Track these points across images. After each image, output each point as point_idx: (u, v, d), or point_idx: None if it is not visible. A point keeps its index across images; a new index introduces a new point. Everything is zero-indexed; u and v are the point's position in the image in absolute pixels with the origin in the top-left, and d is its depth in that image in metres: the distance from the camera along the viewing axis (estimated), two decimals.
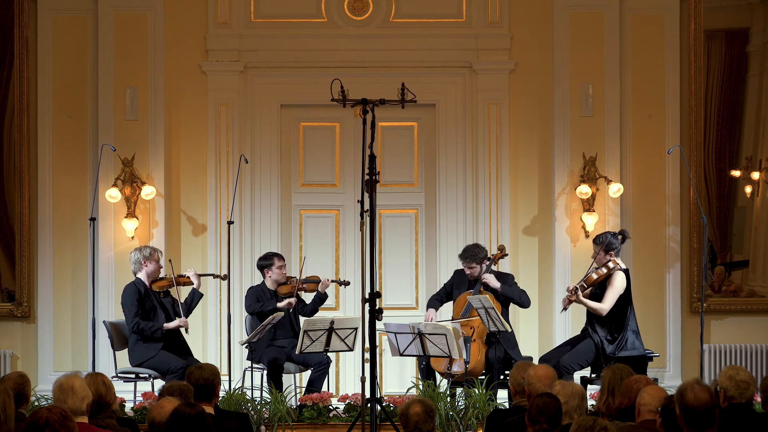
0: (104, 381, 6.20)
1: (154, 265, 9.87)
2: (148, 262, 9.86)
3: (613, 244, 9.55)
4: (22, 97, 11.00)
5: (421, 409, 5.73)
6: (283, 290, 10.06)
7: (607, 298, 9.46)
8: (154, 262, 9.88)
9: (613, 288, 9.47)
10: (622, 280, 9.49)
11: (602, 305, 9.45)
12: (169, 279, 9.88)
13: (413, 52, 11.18)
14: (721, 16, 11.33)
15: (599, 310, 9.44)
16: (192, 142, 11.16)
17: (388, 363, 11.02)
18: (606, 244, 9.55)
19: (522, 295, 9.89)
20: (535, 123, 11.22)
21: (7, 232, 11.14)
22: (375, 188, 8.39)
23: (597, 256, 9.58)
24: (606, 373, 6.50)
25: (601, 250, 9.55)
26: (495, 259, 9.99)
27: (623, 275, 9.51)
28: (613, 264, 9.50)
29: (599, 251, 9.56)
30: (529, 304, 9.96)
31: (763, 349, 11.13)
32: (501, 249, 10.05)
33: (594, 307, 9.46)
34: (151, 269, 9.87)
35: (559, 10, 11.07)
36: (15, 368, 10.77)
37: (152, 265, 9.87)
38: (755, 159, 11.35)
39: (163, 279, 9.91)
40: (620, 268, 9.52)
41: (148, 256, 9.87)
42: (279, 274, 10.08)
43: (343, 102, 8.62)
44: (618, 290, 9.46)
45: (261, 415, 9.17)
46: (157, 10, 11.00)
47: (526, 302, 9.92)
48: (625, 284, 9.49)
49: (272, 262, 10.09)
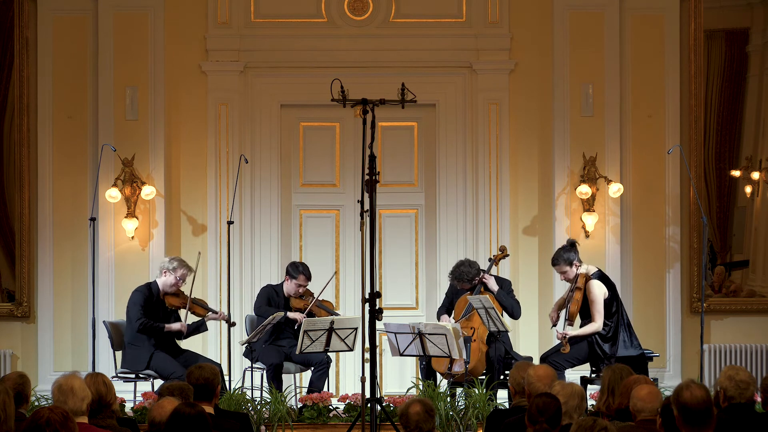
0: (104, 381, 6.20)
1: (174, 281, 9.74)
2: (169, 273, 9.74)
3: (570, 258, 9.47)
4: (22, 97, 11.00)
5: (422, 409, 5.74)
6: (297, 304, 10.01)
7: (595, 315, 9.38)
8: (175, 279, 9.73)
9: (595, 302, 9.38)
10: (598, 287, 9.40)
11: (595, 325, 9.37)
12: (183, 301, 9.80)
13: (413, 52, 11.18)
14: (721, 16, 11.33)
15: (595, 331, 9.39)
16: (192, 142, 11.16)
17: (388, 363, 11.02)
18: (563, 259, 9.47)
19: (515, 306, 9.86)
20: (535, 123, 11.22)
21: (7, 232, 11.14)
22: (375, 188, 8.39)
23: (564, 275, 9.51)
24: (606, 373, 6.50)
25: (564, 267, 9.47)
26: (496, 260, 9.98)
27: (597, 282, 9.41)
28: (581, 278, 9.40)
29: (563, 269, 9.48)
30: (520, 315, 9.93)
31: (763, 349, 11.13)
32: (502, 250, 10.04)
33: (589, 332, 9.39)
34: (169, 282, 9.76)
35: (559, 10, 11.07)
36: (15, 368, 10.77)
37: (172, 280, 9.74)
38: (755, 159, 11.35)
39: (177, 297, 9.83)
40: (589, 276, 9.44)
41: (172, 269, 9.74)
42: (295, 290, 10.02)
43: (343, 102, 8.62)
44: (600, 300, 9.36)
45: (261, 415, 9.17)
46: (157, 10, 11.00)
47: (517, 313, 9.89)
48: (605, 288, 9.43)
49: (296, 277, 10.02)
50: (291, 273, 10.04)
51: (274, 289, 10.12)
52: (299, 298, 10.01)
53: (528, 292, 10.99)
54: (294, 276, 10.01)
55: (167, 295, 9.77)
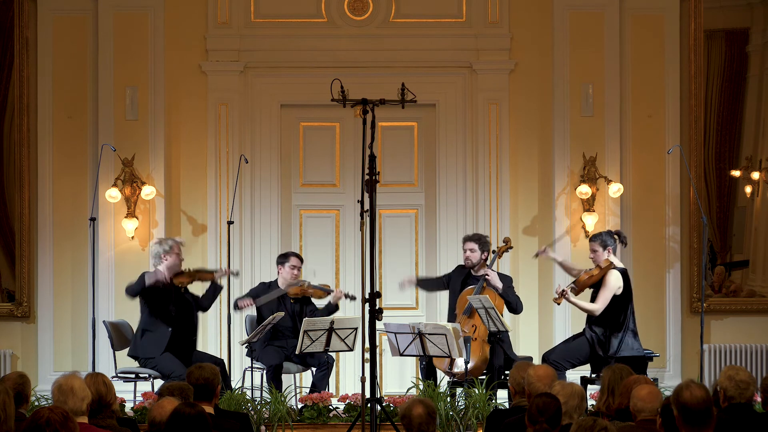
0: (104, 381, 6.20)
1: (175, 258, 9.71)
2: (168, 255, 9.69)
3: (607, 241, 9.53)
4: (22, 97, 11.00)
5: (424, 411, 5.73)
6: (293, 291, 10.05)
7: (599, 298, 9.38)
8: (175, 255, 9.71)
9: (606, 287, 9.38)
10: (616, 278, 9.41)
11: (594, 305, 9.38)
12: (191, 276, 9.79)
13: (413, 52, 11.18)
14: (721, 16, 11.33)
15: (591, 311, 9.38)
16: (192, 142, 11.16)
17: (388, 363, 11.03)
18: (601, 240, 9.54)
19: (518, 302, 9.87)
20: (535, 123, 11.22)
21: (7, 232, 11.14)
22: (375, 188, 8.39)
23: (594, 254, 9.57)
24: (606, 373, 6.50)
25: (597, 246, 9.53)
26: (500, 252, 9.95)
27: (618, 274, 9.43)
28: (606, 264, 9.43)
29: (595, 248, 9.55)
30: (521, 311, 9.95)
31: (763, 349, 11.13)
32: (506, 242, 10.00)
33: (585, 307, 9.39)
34: (172, 262, 9.71)
35: (559, 10, 11.08)
36: (15, 368, 10.77)
37: (172, 258, 9.71)
38: (755, 159, 11.35)
39: (183, 274, 9.80)
40: (615, 267, 9.47)
41: (169, 249, 9.70)
42: (290, 273, 10.05)
43: (343, 102, 8.62)
44: (612, 289, 9.38)
45: (261, 415, 9.17)
46: (157, 10, 11.01)
47: (520, 309, 9.90)
48: (621, 283, 9.42)
49: (287, 260, 10.08)
50: (281, 261, 10.10)
51: (267, 285, 10.14)
52: (294, 285, 10.03)
53: (528, 292, 10.99)
54: (285, 261, 10.06)
55: (177, 276, 9.73)
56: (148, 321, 9.65)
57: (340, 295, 10.05)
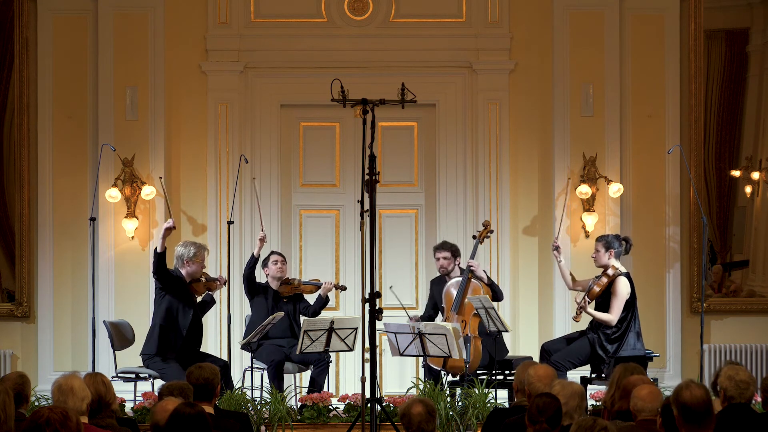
0: (104, 381, 6.20)
1: (197, 266, 9.67)
2: (191, 263, 9.64)
3: (612, 244, 9.56)
4: (22, 97, 11.00)
5: (423, 410, 5.73)
6: (285, 290, 10.08)
7: (613, 308, 9.43)
8: (198, 263, 9.66)
9: (617, 296, 9.43)
10: (625, 285, 9.46)
11: (610, 316, 9.43)
12: (205, 285, 9.76)
13: (413, 52, 11.18)
14: (721, 16, 11.33)
15: (608, 321, 9.43)
16: (192, 142, 11.16)
17: (388, 363, 11.03)
18: (606, 242, 9.57)
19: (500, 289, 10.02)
20: (535, 123, 11.22)
21: (7, 232, 11.14)
22: (375, 188, 8.39)
23: (597, 254, 9.59)
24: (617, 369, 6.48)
25: (601, 246, 9.56)
26: (481, 238, 9.96)
27: (626, 280, 9.48)
28: (613, 270, 9.47)
29: (599, 248, 9.57)
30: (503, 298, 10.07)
31: (763, 349, 11.13)
32: (486, 225, 10.02)
33: (602, 318, 9.45)
34: (193, 270, 9.67)
35: (559, 10, 11.07)
36: (15, 368, 10.77)
37: (195, 267, 9.67)
38: (755, 159, 11.35)
39: (199, 282, 9.74)
40: (620, 272, 9.50)
41: (192, 257, 9.62)
42: (275, 269, 10.08)
43: (343, 102, 8.62)
44: (623, 297, 9.43)
45: (261, 415, 9.17)
46: (157, 10, 11.00)
47: (501, 296, 10.01)
48: (629, 288, 9.48)
49: (268, 259, 10.11)
50: (264, 264, 10.13)
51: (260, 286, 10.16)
52: (286, 284, 10.04)
53: (528, 292, 10.99)
54: (266, 261, 10.11)
55: (193, 283, 9.71)
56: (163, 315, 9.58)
57: (330, 287, 10.08)
